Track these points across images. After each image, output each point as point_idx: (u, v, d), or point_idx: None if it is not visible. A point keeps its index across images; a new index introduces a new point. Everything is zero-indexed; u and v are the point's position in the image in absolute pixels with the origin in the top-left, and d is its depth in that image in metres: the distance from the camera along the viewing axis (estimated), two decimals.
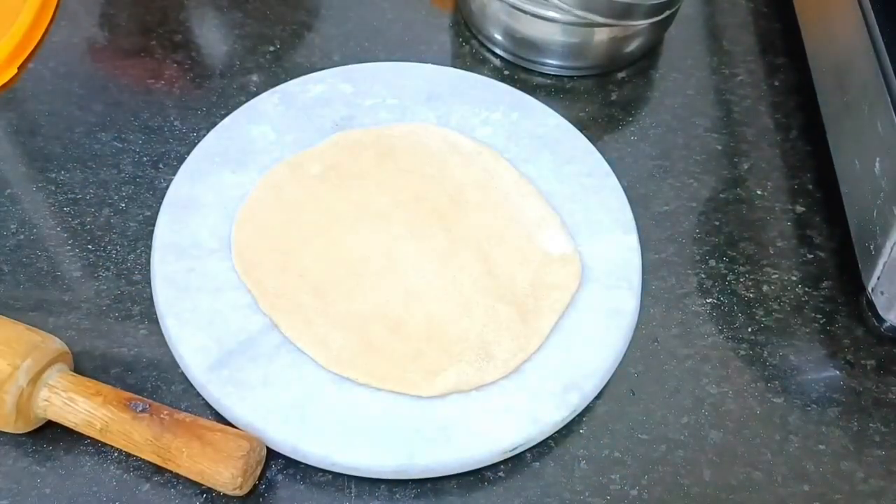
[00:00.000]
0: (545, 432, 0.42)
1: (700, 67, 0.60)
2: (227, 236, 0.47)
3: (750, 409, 0.45)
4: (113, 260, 0.49)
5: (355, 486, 0.42)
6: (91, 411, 0.40)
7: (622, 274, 0.47)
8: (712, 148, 0.56)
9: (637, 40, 0.58)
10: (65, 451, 0.42)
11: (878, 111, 0.45)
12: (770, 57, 0.61)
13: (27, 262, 0.49)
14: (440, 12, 0.63)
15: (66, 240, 0.50)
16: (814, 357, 0.47)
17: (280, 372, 0.43)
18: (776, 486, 0.42)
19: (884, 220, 0.44)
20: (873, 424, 0.44)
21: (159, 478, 0.41)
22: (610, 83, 0.59)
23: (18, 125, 0.55)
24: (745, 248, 0.51)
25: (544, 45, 0.57)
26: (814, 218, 0.52)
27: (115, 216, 0.51)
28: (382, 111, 0.53)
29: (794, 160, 0.55)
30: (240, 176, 0.50)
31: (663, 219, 0.52)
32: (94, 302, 0.47)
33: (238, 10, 0.62)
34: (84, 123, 0.55)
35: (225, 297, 0.45)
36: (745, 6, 0.64)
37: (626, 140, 0.56)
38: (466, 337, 0.44)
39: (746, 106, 0.58)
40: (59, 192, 0.52)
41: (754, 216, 0.52)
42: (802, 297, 0.49)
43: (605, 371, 0.44)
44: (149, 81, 0.57)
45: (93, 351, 0.45)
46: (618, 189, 0.51)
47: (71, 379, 0.41)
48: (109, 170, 0.53)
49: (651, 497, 0.42)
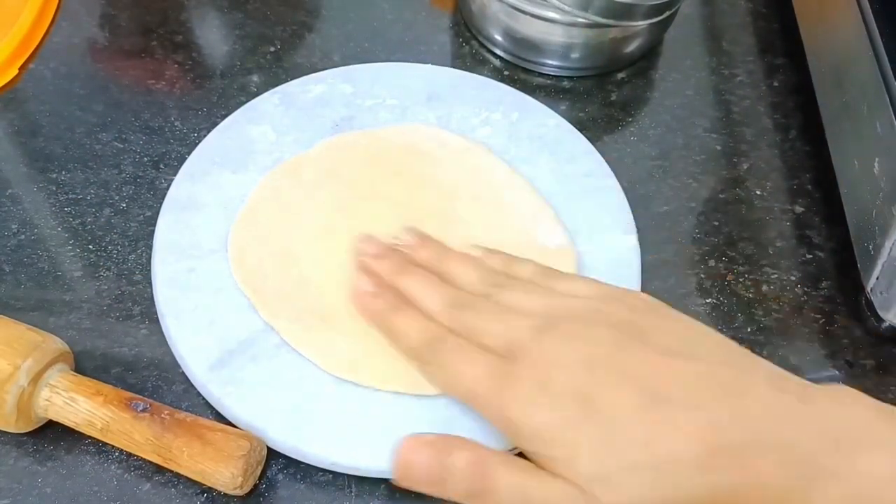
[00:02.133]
0: None
1: (699, 68, 0.60)
2: (227, 236, 0.47)
3: None
4: (114, 260, 0.49)
5: (356, 485, 0.42)
6: (92, 411, 0.40)
7: (622, 274, 0.47)
8: (712, 148, 0.56)
9: (636, 41, 0.58)
10: (65, 451, 0.42)
11: (878, 111, 0.45)
12: (769, 57, 0.61)
13: (28, 262, 0.49)
14: (440, 13, 0.63)
15: (67, 240, 0.50)
16: (813, 357, 0.47)
17: (281, 371, 0.43)
18: None
19: (883, 221, 0.44)
20: None
21: (160, 477, 0.41)
22: (609, 84, 0.59)
23: (19, 125, 0.55)
24: (744, 249, 0.51)
25: (544, 45, 0.57)
26: (813, 218, 0.52)
27: (116, 216, 0.51)
28: (382, 112, 0.54)
29: (794, 160, 0.55)
30: (240, 176, 0.50)
31: (663, 219, 0.52)
32: (95, 302, 0.47)
33: (238, 10, 0.62)
34: (85, 124, 0.55)
35: (225, 297, 0.45)
36: (744, 7, 0.65)
37: (626, 140, 0.56)
38: None
39: (746, 106, 0.58)
40: (59, 193, 0.52)
41: (753, 216, 0.52)
42: (802, 297, 0.49)
43: None
44: (149, 82, 0.57)
45: (93, 351, 0.45)
46: (617, 189, 0.51)
47: (72, 379, 0.41)
48: (110, 170, 0.53)
49: None
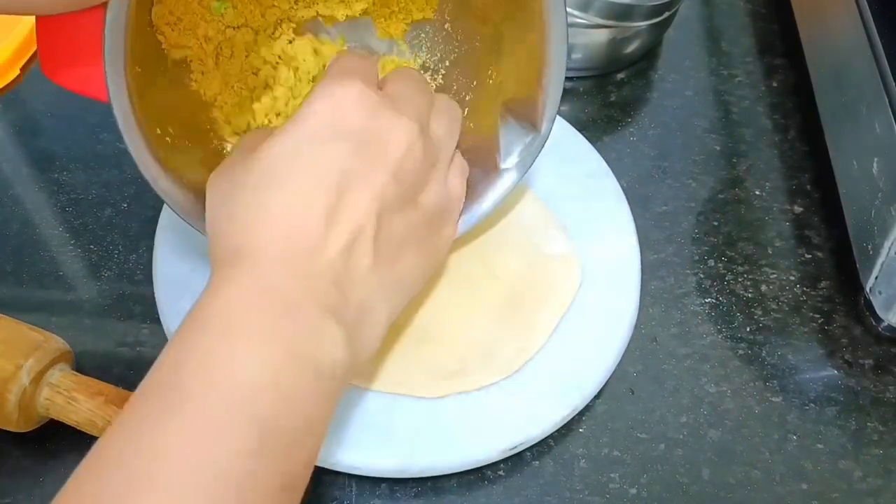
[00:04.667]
0: (545, 431, 0.42)
1: (699, 68, 0.61)
2: None
3: (748, 408, 0.45)
4: (115, 260, 0.49)
5: (356, 484, 0.42)
6: (93, 410, 0.40)
7: (621, 274, 0.47)
8: (711, 148, 0.56)
9: (636, 42, 0.58)
10: (67, 450, 0.42)
11: (877, 112, 0.45)
12: (768, 58, 0.61)
13: (30, 262, 0.49)
14: None
15: (69, 240, 0.50)
16: (812, 356, 0.47)
17: None
18: (774, 485, 0.42)
19: (882, 221, 0.44)
20: (871, 423, 0.45)
21: None
22: (609, 84, 0.59)
23: (21, 126, 0.55)
24: (743, 249, 0.51)
25: None
26: (812, 218, 0.53)
27: (118, 216, 0.51)
28: None
29: (793, 161, 0.55)
30: None
31: (662, 219, 0.52)
32: (97, 302, 0.48)
33: None
34: (86, 124, 0.55)
35: None
36: (743, 8, 0.65)
37: (626, 141, 0.56)
38: (468, 338, 0.44)
39: (745, 107, 0.58)
40: (61, 193, 0.52)
41: (753, 216, 0.53)
42: (801, 296, 0.49)
43: (605, 370, 0.44)
44: None
45: (95, 350, 0.45)
46: (617, 189, 0.51)
47: (73, 378, 0.41)
48: (111, 170, 0.53)
49: (650, 496, 0.42)
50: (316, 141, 0.33)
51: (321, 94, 0.34)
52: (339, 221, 0.32)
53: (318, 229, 0.31)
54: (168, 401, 0.27)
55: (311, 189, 0.32)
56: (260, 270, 0.30)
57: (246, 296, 0.30)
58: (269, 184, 0.32)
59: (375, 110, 0.34)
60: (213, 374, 0.28)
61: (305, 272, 0.31)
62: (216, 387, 0.27)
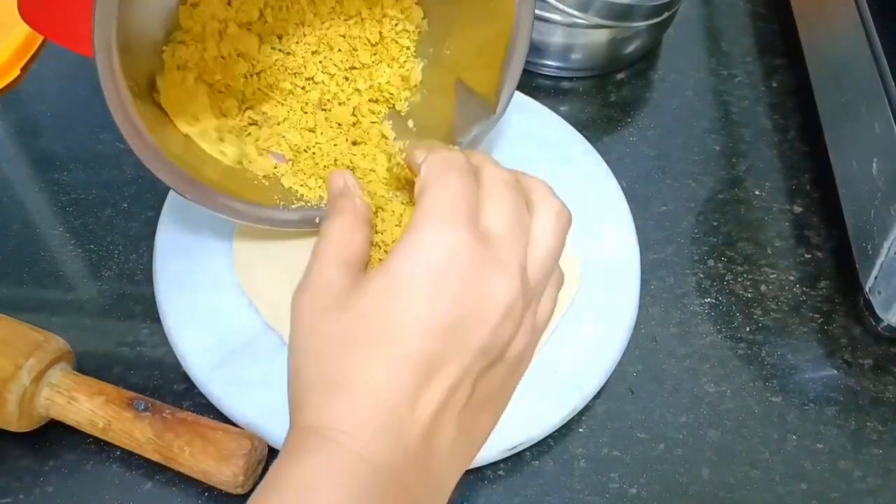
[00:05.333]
0: (545, 431, 0.42)
1: (698, 69, 0.61)
2: (229, 236, 0.48)
3: (748, 407, 0.45)
4: (115, 260, 0.49)
5: None
6: (93, 410, 0.40)
7: (621, 274, 0.47)
8: (711, 149, 0.56)
9: (636, 42, 0.58)
10: (67, 450, 0.42)
11: (876, 112, 0.45)
12: (768, 58, 0.61)
13: (30, 262, 0.49)
14: None
15: (69, 240, 0.50)
16: (812, 356, 0.47)
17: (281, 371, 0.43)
18: (774, 485, 0.42)
19: (881, 221, 0.44)
20: (870, 423, 0.45)
21: (161, 476, 0.41)
22: (609, 84, 0.59)
23: (21, 126, 0.55)
24: (743, 249, 0.51)
25: (544, 46, 0.57)
26: (812, 218, 0.53)
27: (118, 216, 0.51)
28: None
29: (792, 161, 0.55)
30: None
31: (662, 219, 0.52)
32: (97, 301, 0.48)
33: None
34: (86, 124, 0.55)
35: (227, 298, 0.45)
36: (743, 8, 0.65)
37: (625, 141, 0.56)
38: None
39: (744, 107, 0.58)
40: (61, 193, 0.52)
41: (752, 216, 0.53)
42: (800, 296, 0.49)
43: (605, 370, 0.44)
44: None
45: (95, 350, 0.45)
46: (617, 189, 0.51)
47: (73, 378, 0.41)
48: (112, 170, 0.53)
49: (650, 495, 0.42)
50: (410, 297, 0.29)
51: (416, 242, 0.29)
52: (424, 404, 0.29)
53: (408, 409, 0.29)
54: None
55: (403, 362, 0.29)
56: (347, 451, 0.28)
57: (333, 468, 0.28)
58: (362, 350, 0.29)
59: (476, 270, 0.29)
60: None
61: (394, 452, 0.29)
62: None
